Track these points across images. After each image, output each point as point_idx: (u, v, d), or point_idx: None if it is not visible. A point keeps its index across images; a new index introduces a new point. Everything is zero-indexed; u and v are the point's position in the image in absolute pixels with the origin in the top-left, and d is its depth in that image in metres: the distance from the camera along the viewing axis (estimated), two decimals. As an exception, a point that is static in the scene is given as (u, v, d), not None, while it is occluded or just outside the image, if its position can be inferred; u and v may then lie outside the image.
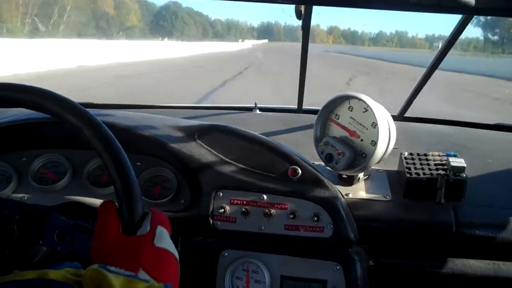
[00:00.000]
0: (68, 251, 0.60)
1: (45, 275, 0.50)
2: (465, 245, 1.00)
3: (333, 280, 0.98)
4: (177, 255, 0.62)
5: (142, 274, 0.54)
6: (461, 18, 1.14)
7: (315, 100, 1.65)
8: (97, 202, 1.03)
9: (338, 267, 0.98)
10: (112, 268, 0.50)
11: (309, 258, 0.99)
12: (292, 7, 1.13)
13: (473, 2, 0.91)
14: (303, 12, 1.14)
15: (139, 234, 0.60)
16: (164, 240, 0.61)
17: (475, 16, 1.25)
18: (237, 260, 1.01)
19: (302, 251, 1.00)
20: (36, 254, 0.61)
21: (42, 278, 0.49)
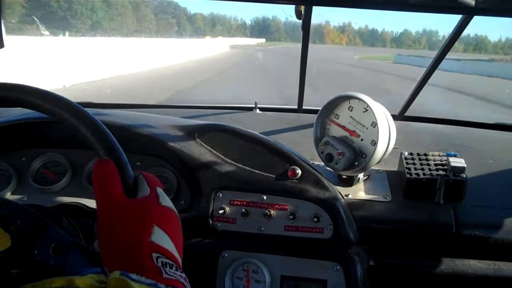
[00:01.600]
0: (60, 267, 0.59)
1: (72, 283, 0.50)
2: (465, 245, 1.00)
3: (333, 280, 0.98)
4: (177, 212, 0.64)
5: (157, 231, 0.55)
6: (461, 18, 1.13)
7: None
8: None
9: (338, 267, 0.98)
10: (134, 276, 0.50)
11: (309, 259, 0.99)
12: (292, 7, 1.13)
13: (473, 2, 0.91)
14: (303, 12, 1.14)
15: (142, 196, 0.60)
16: (166, 199, 0.62)
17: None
18: (237, 261, 1.01)
19: (302, 251, 1.00)
20: (29, 263, 0.60)
21: (70, 287, 0.49)
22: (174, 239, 0.58)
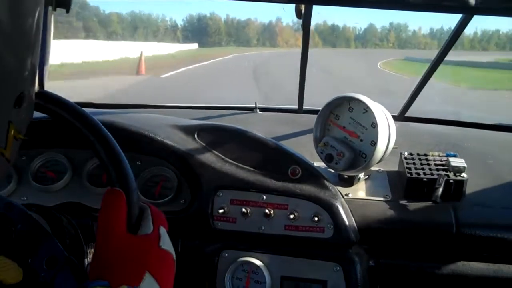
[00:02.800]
0: (50, 282, 0.58)
1: None
2: (465, 245, 1.00)
3: (333, 281, 0.97)
4: (174, 255, 0.63)
5: (148, 279, 0.54)
6: (461, 18, 1.13)
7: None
8: (96, 202, 1.04)
9: (338, 268, 0.97)
10: None
11: (309, 259, 0.99)
12: (292, 7, 1.13)
13: (473, 2, 0.91)
14: (303, 11, 1.14)
15: (143, 233, 0.59)
16: (167, 241, 0.61)
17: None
18: (237, 261, 1.01)
19: (302, 251, 1.00)
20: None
21: None
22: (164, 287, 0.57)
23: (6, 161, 0.42)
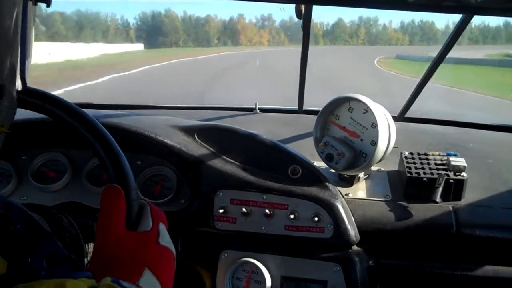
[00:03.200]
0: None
1: (63, 286, 0.49)
2: (465, 245, 1.00)
3: (334, 281, 0.97)
4: (174, 252, 0.63)
5: (147, 275, 0.54)
6: (461, 18, 1.14)
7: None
8: (96, 202, 1.03)
9: (338, 268, 0.97)
10: (125, 284, 0.50)
11: (310, 259, 0.99)
12: (292, 7, 1.13)
13: (473, 2, 0.91)
14: (303, 11, 1.14)
15: (142, 230, 0.60)
16: (166, 237, 0.61)
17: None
18: (237, 261, 1.01)
19: (302, 251, 1.00)
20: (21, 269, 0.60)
21: None
22: (164, 284, 0.57)
23: None
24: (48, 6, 0.49)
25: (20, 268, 0.58)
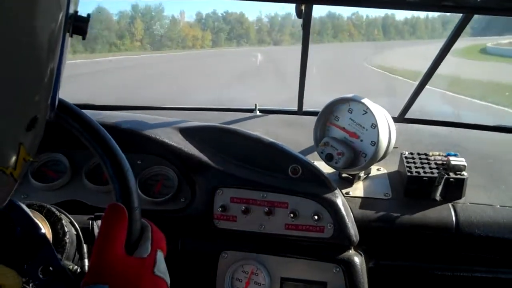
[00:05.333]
0: None
1: None
2: (465, 244, 1.00)
3: (333, 282, 0.97)
4: (169, 283, 0.61)
5: None
6: (461, 17, 1.14)
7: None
8: (97, 200, 1.04)
9: (338, 269, 0.97)
10: None
11: (309, 260, 0.99)
12: (292, 6, 1.13)
13: (473, 2, 0.91)
14: (303, 11, 1.14)
15: (139, 256, 0.58)
16: (162, 267, 0.60)
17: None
18: (237, 262, 1.01)
19: (302, 252, 1.00)
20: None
21: None
22: None
23: (14, 181, 0.42)
24: (83, 38, 0.49)
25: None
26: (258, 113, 1.70)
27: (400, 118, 1.59)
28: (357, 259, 0.98)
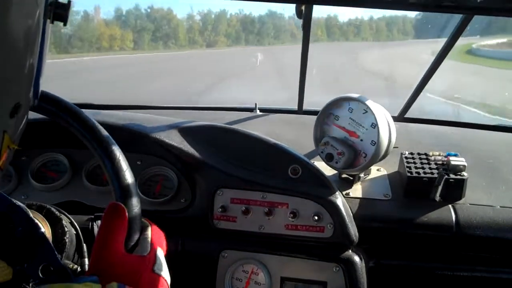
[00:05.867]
0: None
1: None
2: (465, 244, 1.00)
3: (333, 282, 0.97)
4: (169, 281, 0.62)
5: None
6: (461, 18, 1.13)
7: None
8: (97, 201, 1.04)
9: (338, 269, 0.97)
10: None
11: (309, 260, 0.99)
12: (292, 6, 1.13)
13: (473, 2, 0.91)
14: (303, 11, 1.14)
15: (139, 254, 0.59)
16: (162, 266, 0.60)
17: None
18: (237, 262, 1.01)
19: (302, 252, 1.00)
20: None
21: None
22: None
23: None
24: (64, 24, 0.49)
25: (16, 272, 0.58)
26: (258, 112, 1.70)
27: (400, 118, 1.59)
28: (357, 259, 0.99)
